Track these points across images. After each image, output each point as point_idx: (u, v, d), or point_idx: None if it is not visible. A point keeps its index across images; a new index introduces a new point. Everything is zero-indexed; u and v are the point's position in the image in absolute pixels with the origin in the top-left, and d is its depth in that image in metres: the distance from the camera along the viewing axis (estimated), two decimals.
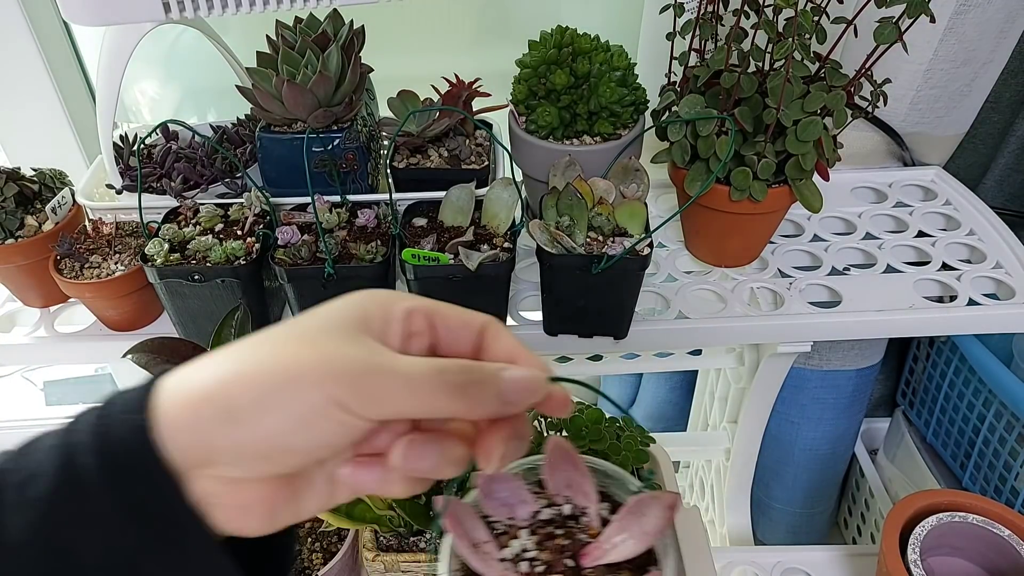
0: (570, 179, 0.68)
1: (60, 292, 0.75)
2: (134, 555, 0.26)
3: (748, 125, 0.68)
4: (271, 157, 0.75)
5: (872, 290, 0.78)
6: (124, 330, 0.76)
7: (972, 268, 0.80)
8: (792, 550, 0.97)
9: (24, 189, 0.75)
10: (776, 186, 0.71)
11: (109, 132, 0.73)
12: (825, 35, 0.65)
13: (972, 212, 0.87)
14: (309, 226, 0.71)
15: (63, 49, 0.94)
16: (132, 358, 0.60)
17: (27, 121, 0.93)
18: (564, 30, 0.73)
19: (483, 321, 0.32)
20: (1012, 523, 0.78)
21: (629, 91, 0.74)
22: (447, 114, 0.78)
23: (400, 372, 0.27)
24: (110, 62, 0.68)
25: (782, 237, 0.85)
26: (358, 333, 0.29)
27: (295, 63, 0.71)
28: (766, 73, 0.69)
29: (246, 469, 0.27)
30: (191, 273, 0.67)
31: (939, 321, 0.76)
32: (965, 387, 1.01)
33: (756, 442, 1.04)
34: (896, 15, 0.62)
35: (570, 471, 0.39)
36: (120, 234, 0.76)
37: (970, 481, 1.03)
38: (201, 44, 0.78)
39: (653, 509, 0.37)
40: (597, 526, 0.39)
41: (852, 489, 1.26)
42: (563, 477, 0.39)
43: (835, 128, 0.69)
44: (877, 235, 0.85)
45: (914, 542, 0.77)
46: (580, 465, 0.39)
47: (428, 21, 0.97)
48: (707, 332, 0.75)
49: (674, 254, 0.83)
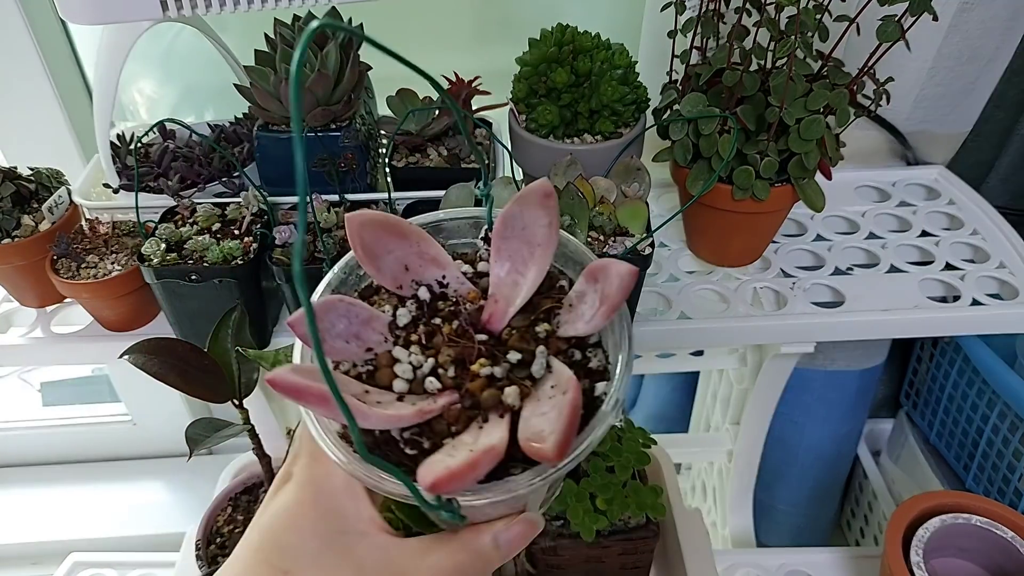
0: (571, 178, 0.68)
1: (57, 292, 0.74)
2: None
3: (750, 124, 0.68)
4: (269, 156, 0.75)
5: (875, 290, 0.77)
6: (121, 330, 0.76)
7: (976, 268, 0.79)
8: (795, 552, 0.96)
9: (21, 188, 0.75)
10: (779, 185, 0.70)
11: (106, 131, 0.73)
12: (827, 33, 0.65)
13: (976, 211, 0.86)
14: (307, 225, 0.71)
15: (60, 47, 0.94)
16: (129, 359, 0.60)
17: (24, 120, 0.92)
18: (565, 28, 0.73)
19: None
20: (1016, 524, 0.78)
21: (630, 89, 0.73)
22: (446, 113, 0.77)
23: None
24: (107, 60, 0.68)
25: (785, 237, 0.85)
26: (330, 548, 0.31)
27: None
28: (768, 71, 0.68)
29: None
30: (188, 273, 0.67)
31: (943, 321, 0.75)
32: (969, 388, 1.01)
33: (759, 443, 1.03)
34: (899, 13, 0.61)
35: (397, 246, 0.30)
36: (117, 234, 0.75)
37: (974, 482, 1.02)
38: (199, 42, 0.78)
39: (528, 213, 0.29)
40: (470, 288, 0.31)
41: (855, 491, 1.26)
42: (392, 261, 0.30)
43: (838, 127, 0.68)
44: (880, 234, 0.85)
45: (917, 544, 0.77)
46: (409, 231, 0.30)
47: (427, 19, 0.96)
48: (709, 332, 0.75)
49: (676, 254, 0.83)
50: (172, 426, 1.20)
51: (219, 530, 0.82)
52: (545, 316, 0.30)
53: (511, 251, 0.30)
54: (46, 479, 1.27)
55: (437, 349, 0.29)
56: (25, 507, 1.23)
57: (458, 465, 0.24)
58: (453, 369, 0.28)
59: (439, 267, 0.30)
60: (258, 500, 0.85)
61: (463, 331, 0.29)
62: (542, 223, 0.29)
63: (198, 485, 1.22)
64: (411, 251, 0.30)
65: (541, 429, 0.26)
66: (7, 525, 1.20)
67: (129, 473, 1.28)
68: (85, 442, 1.27)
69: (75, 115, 0.94)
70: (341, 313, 0.29)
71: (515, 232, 0.29)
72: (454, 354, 0.28)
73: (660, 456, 0.90)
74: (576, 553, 0.75)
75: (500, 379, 0.28)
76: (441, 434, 0.27)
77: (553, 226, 0.29)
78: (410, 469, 0.27)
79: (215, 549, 0.81)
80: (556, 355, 0.29)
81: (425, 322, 0.29)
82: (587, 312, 0.29)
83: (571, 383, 0.26)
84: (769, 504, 1.22)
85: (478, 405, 0.27)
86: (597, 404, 0.28)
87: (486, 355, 0.28)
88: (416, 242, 0.30)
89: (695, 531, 0.85)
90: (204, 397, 0.62)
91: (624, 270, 0.27)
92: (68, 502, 1.24)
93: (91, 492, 1.25)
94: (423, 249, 0.30)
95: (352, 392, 0.28)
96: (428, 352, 0.29)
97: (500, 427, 0.26)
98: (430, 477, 0.24)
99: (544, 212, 0.29)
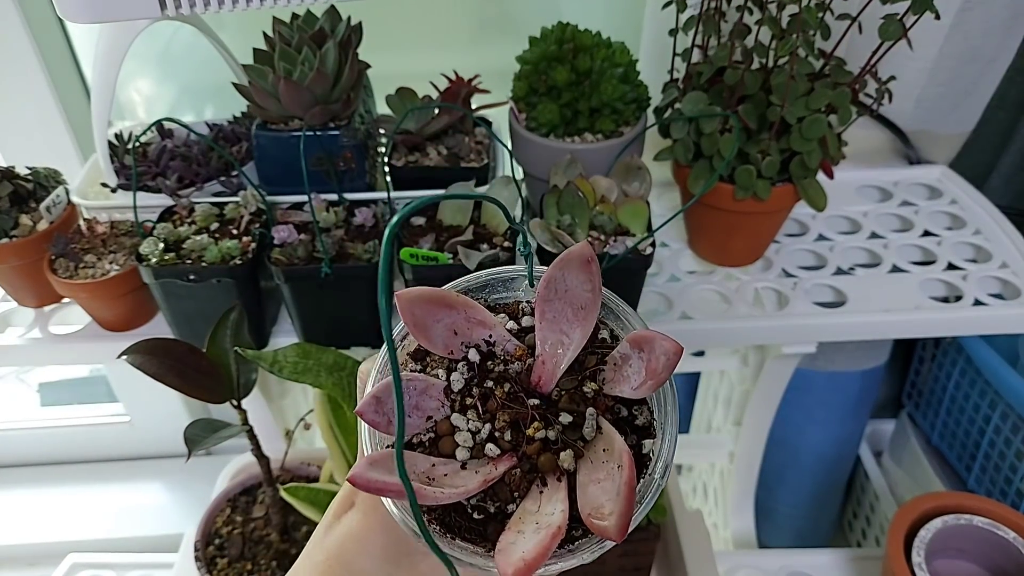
0: (571, 177, 0.68)
1: (54, 292, 0.74)
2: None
3: (752, 122, 0.67)
4: (267, 155, 0.74)
5: (877, 290, 0.77)
6: (119, 330, 0.75)
7: (978, 268, 0.79)
8: (796, 553, 0.96)
9: (19, 188, 0.74)
10: (780, 184, 0.70)
11: (104, 130, 0.73)
12: (829, 31, 0.64)
13: (978, 211, 0.86)
14: (306, 225, 0.70)
15: (58, 46, 0.93)
16: (127, 359, 0.59)
17: (21, 119, 0.92)
18: (565, 26, 0.73)
19: None
20: (1018, 525, 0.78)
21: (631, 88, 0.73)
22: (446, 111, 0.77)
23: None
24: (105, 59, 0.67)
25: (786, 236, 0.84)
26: (398, 567, 0.34)
27: (292, 60, 0.70)
28: (770, 70, 0.68)
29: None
30: (186, 273, 0.67)
31: (945, 321, 0.75)
32: (971, 388, 1.00)
33: (760, 444, 1.03)
34: (901, 12, 0.61)
35: (446, 316, 0.31)
36: (115, 233, 0.75)
37: (976, 483, 1.02)
38: (197, 41, 0.77)
39: (571, 277, 0.30)
40: (517, 344, 0.31)
41: (857, 491, 1.25)
42: (442, 330, 0.31)
43: (840, 126, 0.68)
44: (882, 234, 0.84)
45: (919, 545, 0.77)
46: (455, 301, 0.31)
47: (427, 17, 0.96)
48: (711, 333, 0.74)
49: (677, 253, 0.82)
50: (170, 427, 1.20)
51: (218, 531, 0.82)
52: (592, 374, 0.31)
53: (555, 312, 0.31)
54: (44, 480, 1.26)
55: (492, 414, 0.30)
56: (23, 508, 1.23)
57: (533, 554, 0.26)
58: (509, 433, 0.29)
59: (486, 328, 0.32)
60: (257, 501, 0.85)
61: (515, 394, 0.30)
62: (586, 288, 0.30)
63: (196, 486, 1.22)
64: (459, 318, 0.31)
65: (601, 505, 0.27)
66: (5, 526, 1.20)
67: (127, 474, 1.27)
68: (83, 443, 1.27)
69: (73, 114, 0.94)
70: (405, 390, 0.30)
71: (559, 294, 0.31)
72: (509, 418, 0.30)
73: None
74: None
75: (554, 441, 0.29)
76: (505, 499, 0.29)
77: (596, 290, 0.30)
78: (478, 532, 0.29)
79: (213, 550, 0.80)
80: (604, 412, 0.30)
81: (478, 384, 0.31)
82: (634, 379, 0.30)
83: (624, 456, 0.28)
84: (770, 505, 1.21)
85: (536, 468, 0.29)
86: (645, 461, 0.30)
87: (539, 418, 0.30)
88: (463, 310, 0.31)
89: (696, 532, 0.85)
90: (202, 397, 0.62)
91: (671, 348, 0.28)
92: (66, 503, 1.23)
93: (89, 493, 1.25)
94: (470, 315, 0.31)
95: (420, 469, 0.29)
96: (484, 417, 0.30)
97: (560, 497, 0.28)
98: (510, 569, 0.26)
99: (587, 277, 0.30)
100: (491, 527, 0.29)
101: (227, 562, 0.79)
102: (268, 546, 0.80)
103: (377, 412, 0.29)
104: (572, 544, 0.29)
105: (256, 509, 0.84)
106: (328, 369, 0.62)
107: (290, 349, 0.61)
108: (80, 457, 1.28)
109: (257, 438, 0.70)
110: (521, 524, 0.28)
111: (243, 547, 0.80)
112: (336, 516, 0.36)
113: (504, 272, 0.34)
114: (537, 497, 0.29)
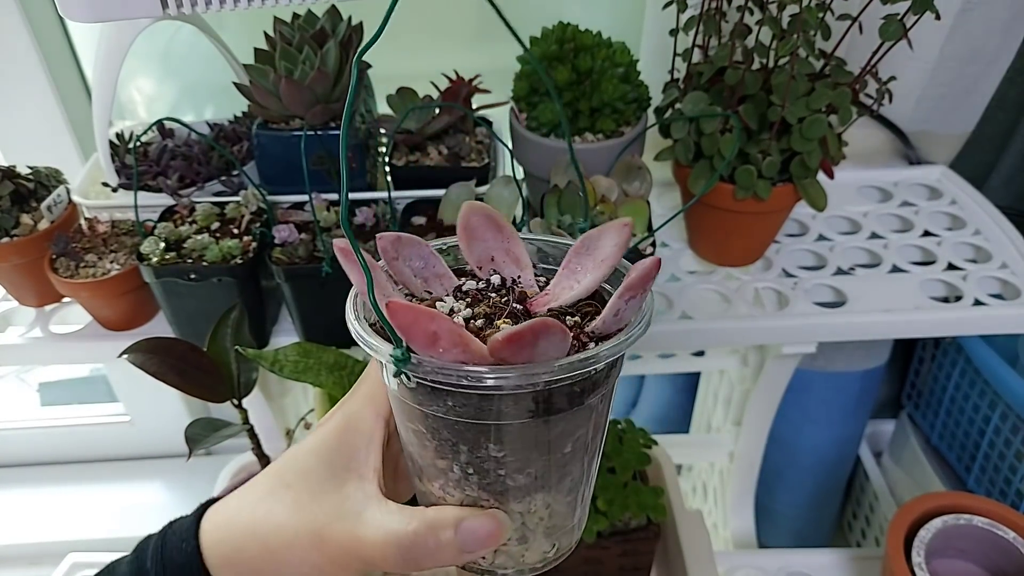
0: (572, 177, 0.68)
1: (55, 291, 0.74)
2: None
3: (752, 123, 0.68)
4: (268, 154, 0.74)
5: (877, 290, 0.77)
6: (120, 330, 0.75)
7: (978, 268, 0.79)
8: (796, 553, 0.96)
9: (19, 187, 0.74)
10: (781, 184, 0.70)
11: (105, 130, 0.73)
12: (830, 31, 0.64)
13: (978, 211, 0.86)
14: (307, 224, 0.71)
15: (59, 46, 0.93)
16: (128, 358, 0.59)
17: (23, 119, 0.92)
18: (566, 26, 0.73)
19: None
20: (1018, 525, 0.78)
21: (632, 88, 0.73)
22: (447, 111, 0.77)
23: (366, 550, 0.32)
24: (106, 59, 0.67)
25: (786, 236, 0.84)
26: (333, 476, 0.34)
27: (293, 59, 0.71)
28: (770, 70, 0.68)
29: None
30: (187, 272, 0.67)
31: (944, 322, 0.75)
32: (971, 388, 1.01)
33: (760, 445, 1.03)
34: (901, 12, 0.61)
35: (492, 238, 0.33)
36: (116, 232, 0.75)
37: (975, 483, 1.02)
38: (198, 41, 0.77)
39: (606, 236, 0.32)
40: (536, 288, 0.34)
41: (857, 492, 1.25)
42: (483, 248, 0.34)
43: (840, 126, 0.68)
44: (882, 234, 0.84)
45: (919, 545, 0.76)
46: (506, 228, 0.33)
47: (427, 17, 0.96)
48: (711, 333, 0.74)
49: (677, 253, 0.83)
50: (171, 426, 1.20)
51: None
52: (579, 313, 0.33)
53: (580, 264, 0.33)
54: (44, 479, 1.26)
55: (476, 304, 0.32)
56: (23, 507, 1.23)
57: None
58: (483, 323, 0.31)
59: (519, 267, 0.34)
60: None
61: (505, 302, 0.32)
62: (613, 241, 0.32)
63: (197, 485, 1.22)
64: (501, 246, 0.33)
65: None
66: (5, 526, 1.20)
67: (127, 473, 1.27)
68: (83, 442, 1.27)
69: (74, 114, 0.94)
70: (421, 255, 0.32)
71: (589, 251, 0.33)
72: (487, 310, 0.31)
73: (661, 457, 0.90)
74: (576, 554, 0.75)
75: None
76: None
77: (620, 246, 0.32)
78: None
79: None
80: (576, 340, 0.32)
81: (483, 294, 0.33)
82: (613, 303, 0.31)
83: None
84: (770, 505, 1.21)
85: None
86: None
87: (511, 316, 0.31)
88: (507, 239, 0.33)
89: (696, 532, 0.85)
90: (203, 397, 0.62)
91: (650, 261, 0.30)
92: (66, 502, 1.23)
93: (89, 492, 1.25)
94: (511, 247, 0.33)
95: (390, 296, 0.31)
96: (469, 303, 0.32)
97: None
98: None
99: (617, 234, 0.32)
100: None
101: None
102: None
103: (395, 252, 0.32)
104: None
105: None
106: (329, 368, 0.62)
107: (291, 348, 0.61)
108: (80, 457, 1.28)
109: (258, 437, 0.70)
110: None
111: None
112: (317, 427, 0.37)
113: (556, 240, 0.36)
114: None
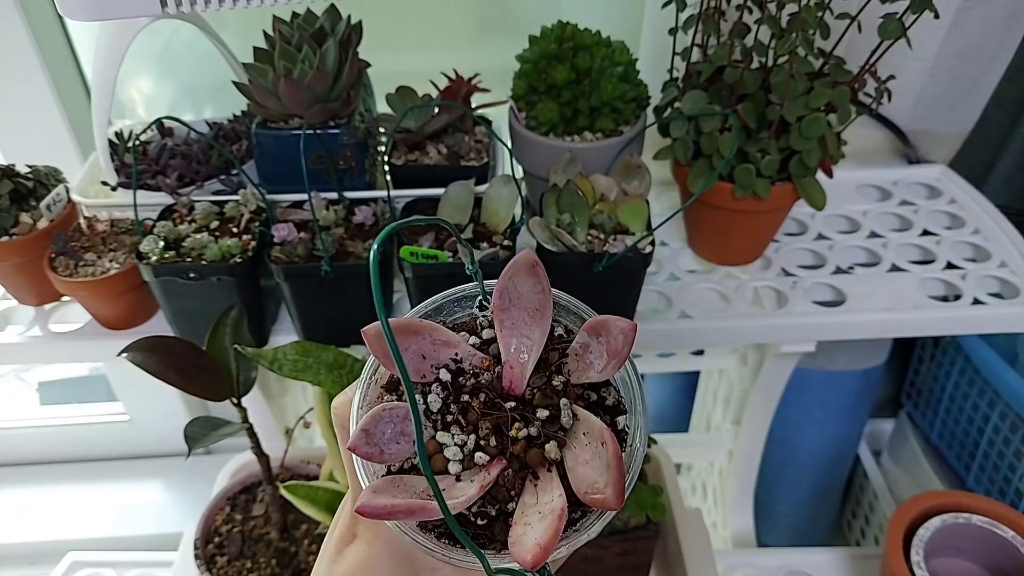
0: (571, 176, 0.68)
1: (55, 290, 0.74)
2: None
3: (751, 121, 0.68)
4: (267, 154, 0.74)
5: (877, 289, 0.77)
6: (119, 329, 0.75)
7: (977, 267, 0.79)
8: (795, 552, 0.96)
9: (19, 186, 0.74)
10: (780, 183, 0.70)
11: (104, 129, 0.73)
12: (829, 30, 0.65)
13: (977, 210, 0.86)
14: (306, 223, 0.71)
15: (58, 45, 0.93)
16: (127, 357, 0.59)
17: (22, 117, 0.92)
18: (565, 25, 0.73)
19: None
20: (1017, 524, 0.78)
21: (631, 87, 0.73)
22: (446, 110, 0.77)
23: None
24: (106, 58, 0.67)
25: (786, 235, 0.84)
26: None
27: (292, 59, 0.70)
28: (769, 69, 0.68)
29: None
30: (186, 271, 0.67)
31: (944, 321, 0.75)
32: (970, 387, 1.01)
33: (759, 444, 1.03)
34: (900, 11, 0.61)
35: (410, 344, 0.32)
36: (115, 231, 0.75)
37: (974, 482, 1.02)
38: (197, 40, 0.77)
39: (519, 280, 0.32)
40: (483, 356, 0.33)
41: (856, 491, 1.25)
42: (410, 360, 0.32)
43: (839, 125, 0.68)
44: (881, 233, 0.84)
45: (918, 544, 0.77)
46: (411, 325, 0.32)
47: (427, 16, 0.96)
48: (710, 332, 0.75)
49: (676, 252, 0.83)
50: (170, 425, 1.20)
51: (217, 529, 0.82)
52: (556, 368, 0.33)
53: (513, 319, 0.32)
54: (43, 478, 1.26)
55: (475, 425, 0.31)
56: (22, 506, 1.23)
57: (545, 539, 0.28)
58: (494, 439, 0.31)
59: (451, 347, 0.33)
60: (256, 499, 0.85)
61: (492, 402, 0.32)
62: (536, 290, 0.32)
63: (196, 484, 1.22)
64: (425, 342, 0.32)
65: (595, 481, 0.29)
66: (5, 525, 1.20)
67: (127, 472, 1.27)
68: (82, 441, 1.27)
69: (73, 113, 0.94)
70: (387, 420, 0.31)
71: (513, 302, 0.32)
72: (491, 425, 0.31)
73: (660, 456, 0.90)
74: (575, 553, 0.75)
75: (537, 437, 0.31)
76: (503, 500, 0.31)
77: (546, 291, 0.32)
78: (485, 536, 0.30)
79: (213, 548, 0.80)
80: (576, 401, 0.32)
81: (455, 400, 0.32)
82: (597, 363, 0.32)
83: (605, 434, 0.29)
84: (769, 504, 1.21)
85: (526, 465, 0.31)
86: (623, 435, 0.32)
87: (519, 418, 0.31)
88: (427, 333, 0.32)
89: (695, 531, 0.85)
90: (202, 395, 0.62)
91: (626, 326, 0.30)
92: (65, 501, 1.23)
93: (89, 491, 1.25)
94: (434, 337, 0.33)
95: (419, 489, 0.30)
96: (467, 429, 0.32)
97: (554, 483, 0.30)
98: (529, 556, 0.27)
99: (535, 280, 0.32)
100: (497, 528, 0.30)
101: (227, 560, 0.79)
102: (268, 544, 0.80)
103: (369, 444, 0.30)
104: (575, 525, 0.30)
105: (256, 507, 0.84)
106: (328, 367, 0.62)
107: (290, 347, 0.61)
108: (80, 456, 1.28)
109: (257, 436, 0.70)
110: (525, 517, 0.30)
111: (243, 545, 0.81)
112: (338, 551, 0.35)
113: (455, 292, 0.36)
114: (533, 491, 0.31)
